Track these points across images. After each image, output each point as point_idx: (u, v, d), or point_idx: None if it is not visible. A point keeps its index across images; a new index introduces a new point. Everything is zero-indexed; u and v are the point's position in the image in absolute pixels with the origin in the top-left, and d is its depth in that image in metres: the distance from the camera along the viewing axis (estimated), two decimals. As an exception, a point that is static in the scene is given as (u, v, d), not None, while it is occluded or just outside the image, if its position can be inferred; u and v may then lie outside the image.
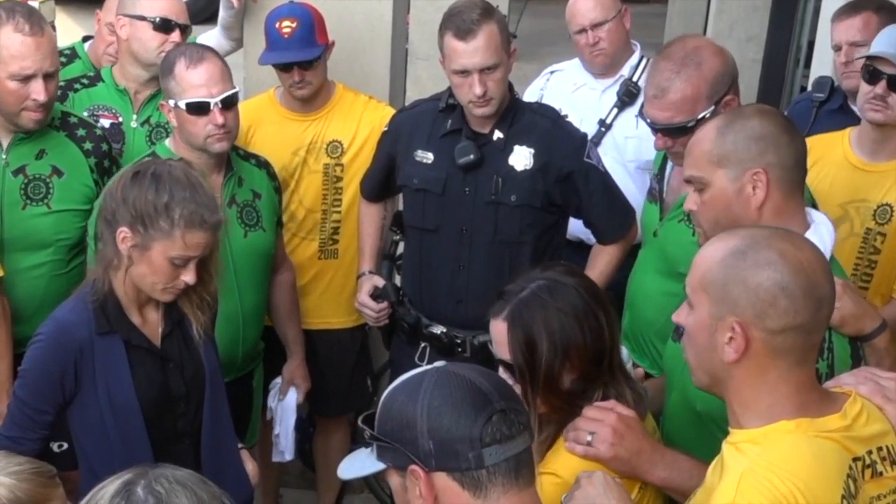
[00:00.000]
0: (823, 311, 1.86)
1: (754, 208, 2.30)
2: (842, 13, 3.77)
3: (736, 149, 2.31)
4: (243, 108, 3.92)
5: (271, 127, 3.86)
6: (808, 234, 2.30)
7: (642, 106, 2.98)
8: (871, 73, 3.16)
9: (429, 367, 1.74)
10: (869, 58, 3.20)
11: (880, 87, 3.13)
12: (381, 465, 1.73)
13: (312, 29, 3.65)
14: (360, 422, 1.78)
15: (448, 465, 1.67)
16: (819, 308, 1.84)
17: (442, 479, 1.68)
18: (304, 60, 3.66)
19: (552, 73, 4.37)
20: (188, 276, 2.63)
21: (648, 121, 2.89)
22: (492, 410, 1.67)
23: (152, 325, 2.75)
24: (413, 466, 1.68)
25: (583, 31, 4.13)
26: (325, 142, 3.84)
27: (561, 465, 2.11)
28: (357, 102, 3.88)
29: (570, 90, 4.24)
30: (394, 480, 1.74)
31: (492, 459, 1.66)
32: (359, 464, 1.78)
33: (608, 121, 4.12)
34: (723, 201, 2.32)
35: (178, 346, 2.77)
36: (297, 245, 3.92)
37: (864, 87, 3.19)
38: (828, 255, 2.30)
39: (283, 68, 3.70)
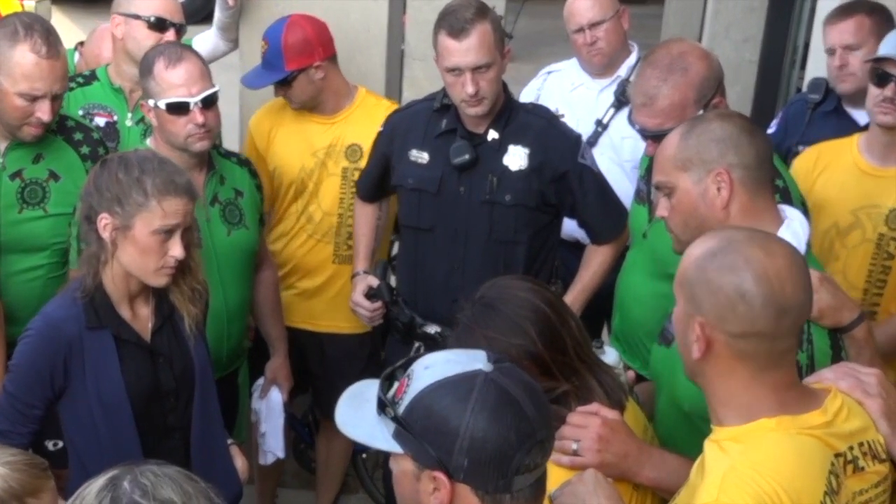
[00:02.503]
0: (787, 320, 1.86)
1: (720, 208, 2.34)
2: (834, 16, 3.74)
3: (698, 152, 2.35)
4: (266, 109, 3.95)
5: (291, 128, 3.89)
6: (782, 230, 2.34)
7: (632, 111, 2.98)
8: (880, 76, 3.11)
9: (478, 369, 1.68)
10: (877, 60, 3.15)
11: (889, 90, 3.08)
12: (397, 449, 1.69)
13: (279, 54, 3.70)
14: (380, 385, 1.73)
15: (475, 483, 1.65)
16: (780, 317, 1.85)
17: (464, 491, 1.66)
18: (251, 86, 3.81)
19: (549, 73, 4.38)
20: (176, 250, 2.64)
21: (638, 127, 2.91)
22: (533, 442, 1.65)
23: (142, 319, 2.76)
24: (437, 473, 1.65)
25: (580, 30, 4.14)
26: (345, 145, 3.86)
27: (552, 481, 2.08)
28: (379, 107, 3.88)
29: (568, 90, 4.25)
30: (405, 464, 1.70)
31: (519, 486, 1.66)
32: (367, 429, 1.73)
33: (605, 121, 4.13)
34: (689, 204, 2.37)
35: (168, 341, 2.78)
36: (312, 247, 3.95)
37: (874, 91, 3.13)
38: (803, 250, 2.32)
39: None
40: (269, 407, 3.79)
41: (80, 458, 2.76)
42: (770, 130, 4.04)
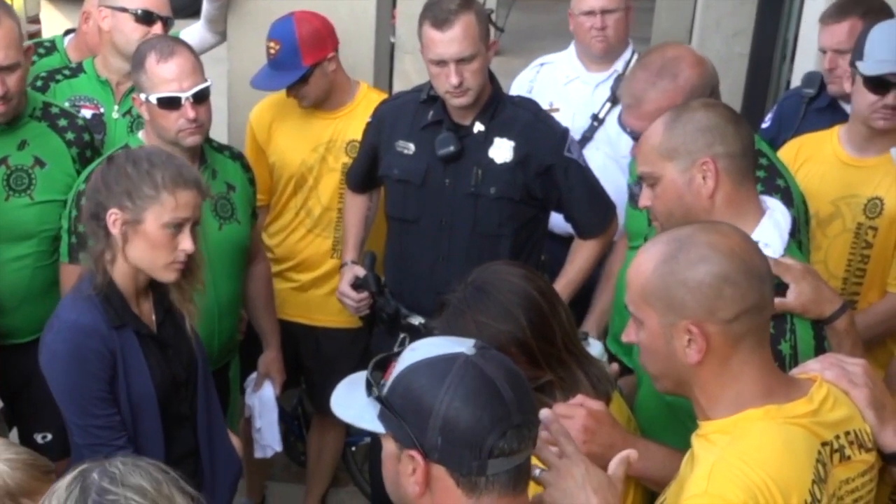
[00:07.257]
0: (766, 287, 1.91)
1: (706, 197, 2.34)
2: (828, 17, 3.71)
3: (684, 141, 2.35)
4: (267, 102, 3.93)
5: (293, 122, 3.87)
6: (764, 220, 2.35)
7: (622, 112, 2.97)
8: (876, 83, 3.06)
9: (459, 351, 1.69)
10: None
11: (891, 98, 3.05)
12: (380, 428, 1.71)
13: (296, 51, 3.65)
14: (371, 369, 1.74)
15: (450, 464, 1.66)
16: (762, 284, 1.90)
17: (440, 472, 1.67)
18: (268, 89, 3.75)
19: (542, 64, 4.34)
20: (186, 244, 2.63)
21: (627, 129, 2.90)
22: (508, 425, 1.65)
23: (147, 314, 2.76)
24: (414, 452, 1.67)
25: (591, 12, 4.12)
26: (345, 141, 3.84)
27: None
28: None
29: (562, 83, 4.22)
30: (388, 444, 1.72)
31: (494, 470, 1.66)
32: (357, 410, 1.75)
33: (601, 115, 4.10)
34: (675, 193, 2.36)
35: (172, 332, 2.79)
36: (311, 241, 3.94)
37: (870, 97, 3.09)
38: (785, 239, 2.36)
39: None
40: (263, 402, 3.79)
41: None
42: (764, 125, 4.03)
